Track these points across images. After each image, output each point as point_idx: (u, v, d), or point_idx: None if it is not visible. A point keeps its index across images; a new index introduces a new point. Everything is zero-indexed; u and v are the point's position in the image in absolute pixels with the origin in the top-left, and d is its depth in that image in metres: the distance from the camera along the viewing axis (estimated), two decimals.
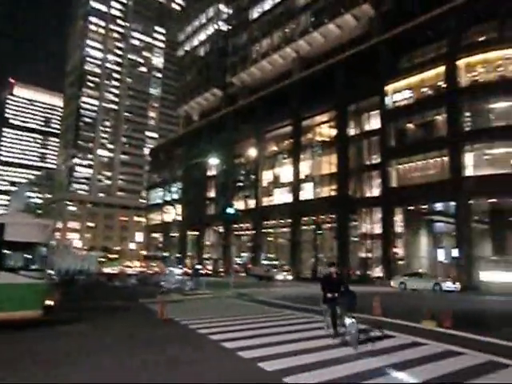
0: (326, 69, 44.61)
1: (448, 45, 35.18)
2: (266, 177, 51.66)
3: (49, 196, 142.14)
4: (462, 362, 6.81)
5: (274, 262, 43.73)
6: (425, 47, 37.02)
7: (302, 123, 46.77)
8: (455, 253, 31.97)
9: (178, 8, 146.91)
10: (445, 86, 35.01)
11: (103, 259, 52.12)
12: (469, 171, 32.36)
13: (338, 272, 9.03)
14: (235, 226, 53.42)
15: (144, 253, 73.49)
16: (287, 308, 15.05)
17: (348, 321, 8.09)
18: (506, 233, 33.41)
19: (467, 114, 33.63)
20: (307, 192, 45.04)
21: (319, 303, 14.11)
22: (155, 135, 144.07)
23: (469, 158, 32.75)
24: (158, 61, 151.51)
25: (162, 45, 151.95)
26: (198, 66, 76.95)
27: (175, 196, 67.20)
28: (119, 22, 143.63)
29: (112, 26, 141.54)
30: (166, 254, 57.81)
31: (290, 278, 40.02)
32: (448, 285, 26.86)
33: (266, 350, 7.86)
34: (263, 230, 50.56)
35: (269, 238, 51.53)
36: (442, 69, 35.11)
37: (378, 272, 36.92)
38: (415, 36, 37.21)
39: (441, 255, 35.70)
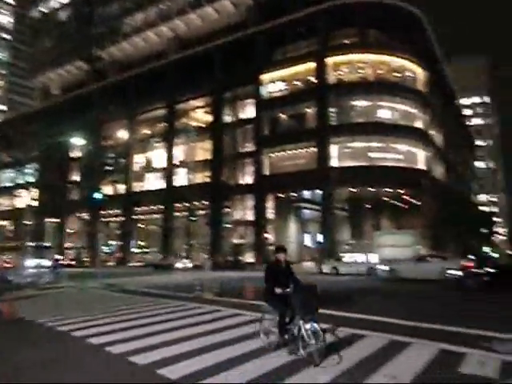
0: (204, 53, 43.36)
1: (318, 43, 37.47)
2: (138, 161, 48.59)
3: None
4: (328, 337, 6.75)
5: (145, 250, 41.18)
6: (298, 42, 38.84)
7: (177, 107, 45.03)
8: (320, 238, 34.43)
9: None
10: (315, 81, 37.22)
11: None
12: (334, 162, 35.10)
13: (287, 259, 6.51)
14: (103, 212, 48.66)
15: None
16: (158, 297, 13.93)
17: (306, 327, 5.63)
18: (362, 219, 37.39)
19: (333, 109, 36.37)
20: (181, 178, 43.70)
21: (195, 292, 13.61)
22: (3, 107, 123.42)
23: (334, 150, 35.56)
24: (7, 20, 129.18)
25: (11, 1, 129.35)
26: (58, 32, 67.15)
27: (30, 179, 58.14)
28: None
29: None
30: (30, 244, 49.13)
31: (190, 265, 37.64)
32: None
33: (137, 343, 6.90)
34: (134, 217, 47.61)
35: (140, 225, 48.79)
36: (312, 65, 37.27)
37: (249, 258, 37.63)
38: (290, 30, 38.68)
39: (307, 240, 38.24)
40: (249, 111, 40.58)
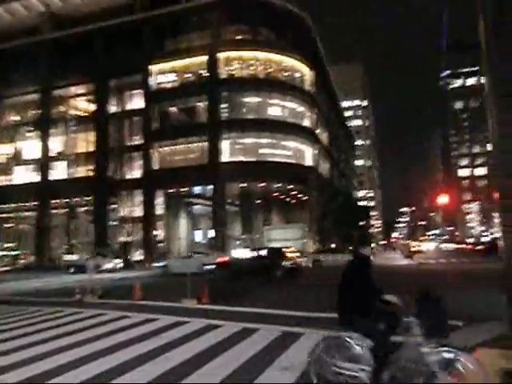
0: (86, 34, 39.17)
1: (211, 36, 36.77)
2: (4, 151, 42.43)
3: None
4: (220, 333, 6.88)
5: (14, 252, 35.99)
6: (190, 34, 37.63)
7: (53, 92, 40.41)
8: (211, 233, 33.96)
9: None
10: (207, 75, 36.52)
11: None
12: (225, 157, 34.86)
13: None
14: None
15: None
16: (27, 304, 11.84)
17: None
18: (252, 214, 37.92)
19: (225, 104, 36.11)
20: (59, 171, 39.42)
21: (75, 295, 11.96)
22: None
23: (225, 146, 35.33)
24: None
25: None
26: None
27: None
28: None
29: None
30: None
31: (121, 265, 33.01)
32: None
33: (6, 359, 5.67)
34: (0, 215, 41.58)
35: (7, 225, 42.62)
36: (204, 58, 36.45)
37: (138, 256, 35.53)
38: (181, 21, 37.32)
39: (198, 236, 37.53)
40: (137, 102, 38.17)
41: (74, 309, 10.40)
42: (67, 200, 38.11)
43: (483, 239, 64.07)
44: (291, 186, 38.81)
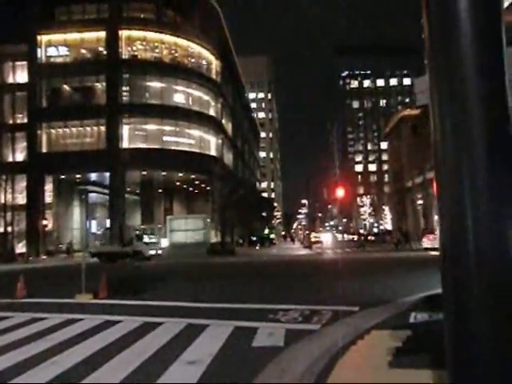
0: None
1: (110, 11, 34.08)
2: None
3: None
4: (119, 329, 6.36)
5: None
6: (86, 4, 34.42)
7: None
8: (108, 223, 31.87)
9: None
10: (105, 53, 33.84)
11: None
12: (125, 143, 32.87)
13: None
14: None
15: None
16: None
17: None
18: (154, 203, 36.51)
19: (126, 87, 33.95)
20: None
21: None
22: None
23: (125, 131, 33.31)
24: None
25: None
26: None
27: None
28: None
29: None
30: None
31: None
32: None
33: None
34: None
35: None
36: (103, 34, 33.73)
37: (20, 248, 31.76)
38: None
39: (94, 226, 34.97)
40: (21, 76, 33.85)
41: None
42: None
43: (375, 230, 70.93)
44: (194, 176, 38.26)
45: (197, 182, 40.03)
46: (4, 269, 20.74)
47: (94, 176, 35.52)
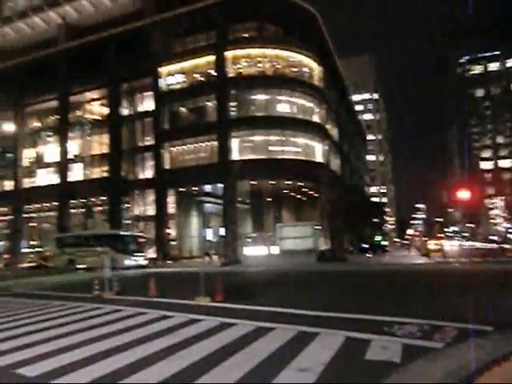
0: (98, 42, 39.83)
1: (217, 36, 36.87)
2: (28, 155, 44.68)
3: None
4: (234, 331, 6.80)
5: (38, 250, 37.95)
6: (197, 35, 37.95)
7: (70, 99, 41.81)
8: (222, 231, 34.06)
9: None
10: (215, 74, 36.58)
11: None
12: (235, 156, 34.91)
13: None
14: None
15: None
16: (52, 299, 12.48)
17: None
18: (263, 212, 37.93)
19: (233, 102, 36.15)
20: (76, 173, 41.11)
21: (93, 291, 12.26)
22: None
23: (234, 144, 35.38)
24: None
25: None
26: None
27: None
28: None
29: None
30: None
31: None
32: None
33: (28, 352, 5.85)
34: (24, 215, 43.70)
35: (31, 224, 44.60)
36: (212, 58, 36.58)
37: (151, 254, 35.94)
38: (188, 22, 37.50)
39: (209, 234, 37.71)
40: (148, 104, 38.73)
41: (93, 304, 10.66)
42: (84, 200, 39.13)
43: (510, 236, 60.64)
44: (302, 183, 38.68)
45: (305, 190, 40.38)
46: (138, 272, 23.79)
47: (208, 188, 38.46)
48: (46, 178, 42.94)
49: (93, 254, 26.17)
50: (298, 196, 42.02)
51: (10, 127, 41.48)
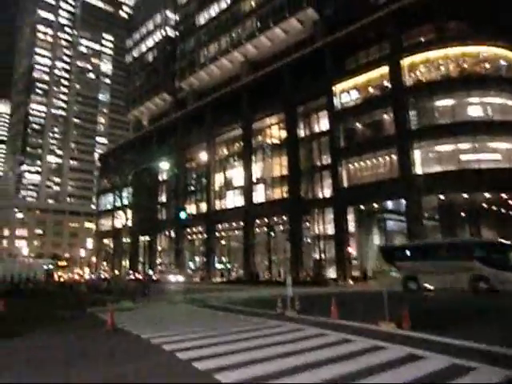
0: (274, 72, 44.13)
1: (390, 46, 35.49)
2: (218, 180, 50.56)
3: None
4: (423, 366, 6.12)
5: (227, 266, 43.63)
6: (368, 48, 37.39)
7: (252, 126, 46.01)
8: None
9: (125, 16, 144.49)
10: (390, 85, 35.12)
11: (51, 266, 52.57)
12: (418, 169, 32.39)
13: None
14: (187, 230, 52.33)
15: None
16: (240, 313, 13.83)
17: None
18: (455, 228, 33.62)
19: (413, 112, 33.82)
20: (259, 194, 44.25)
21: (276, 309, 13.09)
22: (105, 140, 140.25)
23: (417, 156, 32.85)
24: (107, 67, 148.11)
25: (110, 51, 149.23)
26: (146, 71, 74.99)
27: (125, 201, 64.35)
28: (67, 29, 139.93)
29: (60, 34, 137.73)
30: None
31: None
32: None
33: (223, 360, 6.84)
34: (216, 234, 49.33)
35: (222, 242, 50.26)
36: (386, 69, 35.31)
37: (331, 273, 36.09)
38: (358, 38, 37.46)
39: None
40: (323, 124, 39.74)
41: (275, 321, 11.28)
42: (266, 220, 42.24)
43: None
44: (505, 195, 32.79)
45: (510, 202, 34.08)
46: (319, 291, 24.09)
47: (390, 204, 36.53)
48: (233, 199, 47.49)
49: (446, 271, 20.26)
50: (502, 210, 35.65)
51: (204, 156, 49.09)
